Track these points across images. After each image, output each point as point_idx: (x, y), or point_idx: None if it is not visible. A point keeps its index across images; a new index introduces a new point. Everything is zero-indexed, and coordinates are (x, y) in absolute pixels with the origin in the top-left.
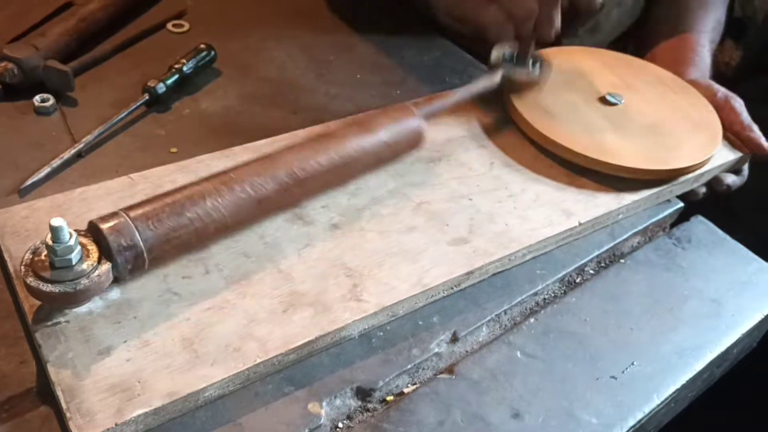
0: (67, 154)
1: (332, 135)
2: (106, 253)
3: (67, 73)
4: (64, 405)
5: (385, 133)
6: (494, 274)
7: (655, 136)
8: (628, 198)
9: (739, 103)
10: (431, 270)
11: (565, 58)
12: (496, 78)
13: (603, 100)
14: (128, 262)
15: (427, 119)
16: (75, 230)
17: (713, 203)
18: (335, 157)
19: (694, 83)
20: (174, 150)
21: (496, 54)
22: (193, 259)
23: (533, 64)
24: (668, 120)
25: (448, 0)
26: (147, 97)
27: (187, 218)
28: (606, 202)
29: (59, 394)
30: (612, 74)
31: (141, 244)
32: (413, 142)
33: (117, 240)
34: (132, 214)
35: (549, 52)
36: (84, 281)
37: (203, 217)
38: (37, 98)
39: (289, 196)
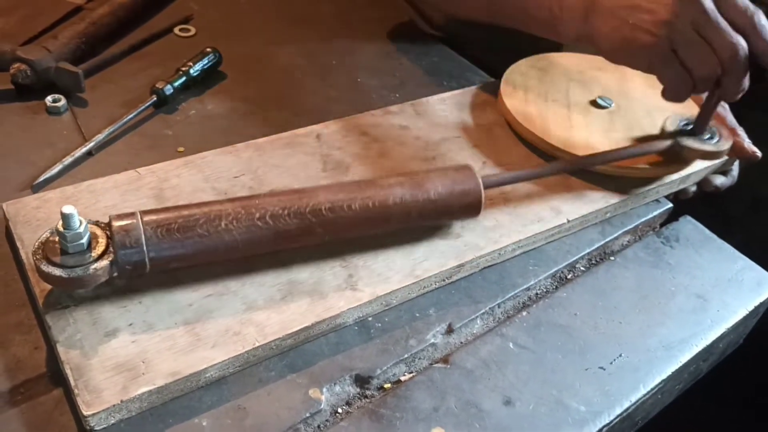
0: (77, 153)
1: (374, 182)
2: (112, 248)
3: (77, 74)
4: (72, 382)
5: (434, 190)
6: (486, 268)
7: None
8: (616, 197)
9: (724, 107)
10: (423, 262)
11: (559, 63)
12: (662, 145)
13: (594, 103)
14: (128, 263)
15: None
16: (96, 222)
17: (708, 205)
18: (371, 205)
19: None
20: (181, 149)
21: (671, 122)
22: None
23: (711, 136)
24: (655, 123)
25: (614, 42)
26: (155, 99)
27: (197, 234)
28: (594, 201)
29: (68, 372)
30: (604, 79)
31: (145, 248)
32: (468, 207)
33: (122, 240)
34: (146, 218)
35: (540, 57)
36: (78, 270)
37: (213, 237)
38: (48, 98)
39: (311, 236)
